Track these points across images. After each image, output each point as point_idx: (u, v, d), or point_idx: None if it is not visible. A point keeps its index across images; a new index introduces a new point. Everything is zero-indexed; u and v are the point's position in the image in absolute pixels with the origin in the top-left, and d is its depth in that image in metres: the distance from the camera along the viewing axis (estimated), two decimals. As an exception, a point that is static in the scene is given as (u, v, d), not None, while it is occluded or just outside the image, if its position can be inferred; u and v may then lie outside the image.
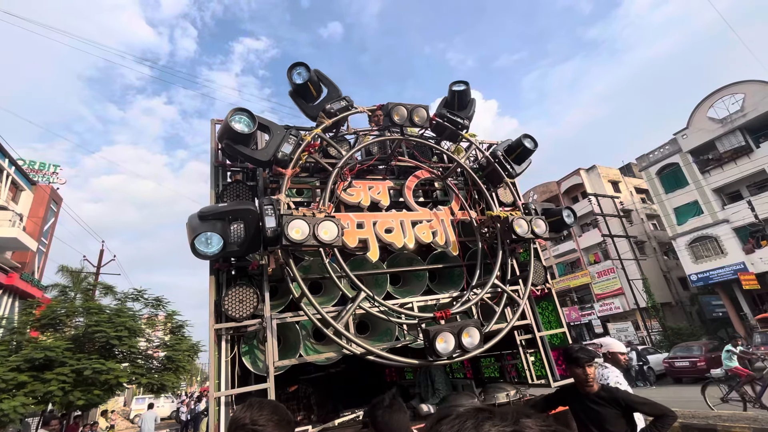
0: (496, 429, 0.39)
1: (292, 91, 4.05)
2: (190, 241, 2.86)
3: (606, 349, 3.71)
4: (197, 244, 2.88)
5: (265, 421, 1.36)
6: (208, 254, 2.93)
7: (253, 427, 1.35)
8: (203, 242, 2.91)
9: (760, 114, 20.98)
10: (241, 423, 1.36)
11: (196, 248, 2.88)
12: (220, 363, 3.13)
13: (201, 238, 2.91)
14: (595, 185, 29.29)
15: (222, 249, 2.94)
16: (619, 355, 3.64)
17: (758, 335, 13.85)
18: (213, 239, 2.94)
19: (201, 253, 2.91)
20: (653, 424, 2.93)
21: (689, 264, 23.73)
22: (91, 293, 14.82)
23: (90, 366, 9.87)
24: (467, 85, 4.40)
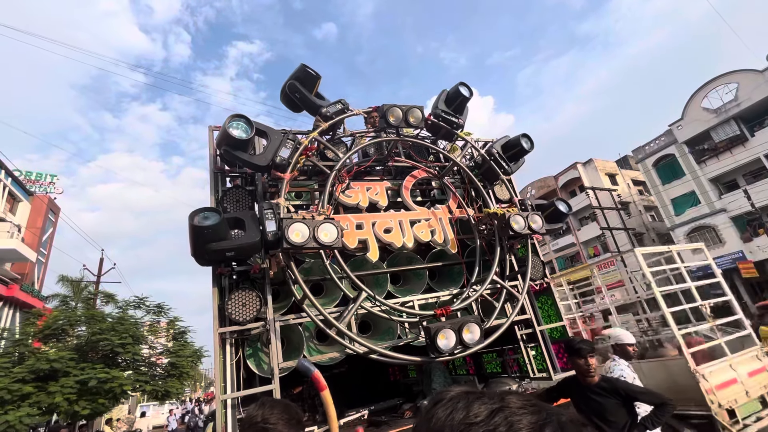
0: (485, 406, 0.43)
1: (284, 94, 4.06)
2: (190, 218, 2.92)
3: (615, 340, 3.66)
4: (196, 220, 2.95)
5: (276, 419, 1.42)
6: (206, 224, 2.98)
7: (264, 425, 1.41)
8: (201, 217, 3.00)
9: (753, 103, 21.10)
10: (254, 421, 1.43)
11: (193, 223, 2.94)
12: (226, 366, 3.17)
13: (200, 214, 3.01)
14: (592, 179, 29.40)
15: (219, 222, 3.00)
16: (627, 347, 3.58)
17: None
18: (210, 216, 3.02)
19: (198, 227, 2.96)
20: (653, 413, 2.99)
21: (688, 254, 23.83)
22: (92, 302, 14.83)
23: (94, 376, 9.89)
24: (471, 94, 4.46)
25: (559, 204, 4.32)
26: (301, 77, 4.02)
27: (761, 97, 20.80)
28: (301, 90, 4.01)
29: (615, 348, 3.63)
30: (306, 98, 4.04)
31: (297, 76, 4.01)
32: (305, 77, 4.03)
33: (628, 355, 3.56)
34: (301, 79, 4.03)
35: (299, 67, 3.99)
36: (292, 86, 4.03)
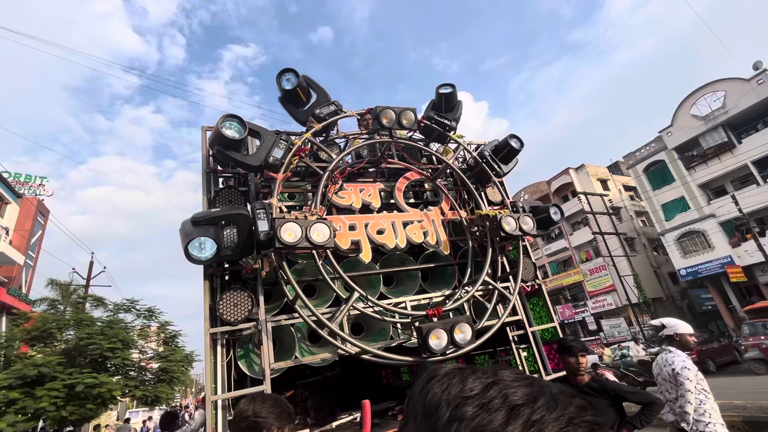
0: (479, 381, 0.44)
1: (282, 96, 4.11)
2: (184, 247, 2.89)
3: (672, 330, 3.36)
4: (191, 250, 2.90)
5: (267, 413, 1.45)
6: (202, 259, 2.95)
7: (255, 419, 1.44)
8: (197, 247, 2.93)
9: (741, 110, 21.53)
10: (245, 415, 1.46)
11: (190, 254, 2.90)
12: (216, 367, 3.15)
13: (194, 243, 2.93)
14: (584, 184, 29.72)
15: (216, 253, 2.96)
16: (688, 336, 3.31)
17: (747, 326, 14.13)
18: (207, 244, 2.96)
19: (195, 258, 2.93)
20: (641, 412, 3.03)
21: (678, 259, 24.14)
22: (82, 306, 14.61)
23: (82, 381, 9.72)
24: (454, 88, 4.50)
25: (552, 212, 4.36)
26: (286, 96, 4.11)
27: (748, 104, 21.24)
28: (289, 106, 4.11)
29: (673, 339, 3.31)
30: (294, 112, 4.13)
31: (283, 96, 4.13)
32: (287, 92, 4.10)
33: (690, 346, 3.28)
34: (286, 97, 4.12)
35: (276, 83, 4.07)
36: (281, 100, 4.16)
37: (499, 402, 0.41)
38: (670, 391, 3.16)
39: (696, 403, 2.99)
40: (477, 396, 0.42)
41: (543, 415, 0.39)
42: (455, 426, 0.40)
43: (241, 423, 1.46)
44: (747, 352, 13.44)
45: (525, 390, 0.42)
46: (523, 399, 0.41)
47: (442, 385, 0.46)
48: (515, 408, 0.40)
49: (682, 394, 3.02)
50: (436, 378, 0.48)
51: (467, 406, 0.41)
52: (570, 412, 0.40)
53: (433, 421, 0.43)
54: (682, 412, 3.00)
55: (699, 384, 3.07)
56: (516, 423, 0.39)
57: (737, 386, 9.74)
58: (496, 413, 0.40)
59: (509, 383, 0.43)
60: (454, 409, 0.42)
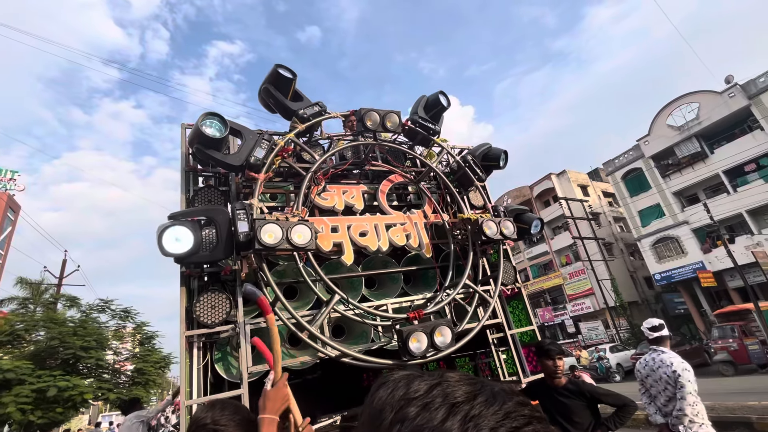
0: (425, 383, 0.45)
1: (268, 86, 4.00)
2: (158, 237, 2.75)
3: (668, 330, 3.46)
4: (164, 242, 2.73)
5: (227, 420, 1.37)
6: (178, 254, 2.79)
7: (214, 427, 1.36)
8: (171, 239, 2.75)
9: (713, 122, 22.43)
10: (202, 423, 1.37)
11: (163, 247, 2.73)
12: (192, 370, 3.08)
13: (169, 233, 2.74)
14: (565, 189, 30.38)
15: (193, 247, 2.80)
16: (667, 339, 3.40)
17: (716, 330, 14.68)
18: (183, 236, 2.78)
19: (169, 253, 2.75)
20: (616, 414, 3.10)
21: (653, 264, 24.94)
22: (53, 306, 14.07)
23: (54, 384, 9.35)
24: (449, 105, 4.55)
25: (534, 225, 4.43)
26: (274, 81, 3.97)
27: (720, 116, 22.15)
28: (275, 95, 3.96)
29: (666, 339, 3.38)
30: (280, 103, 3.99)
31: (270, 80, 3.96)
32: (279, 80, 3.97)
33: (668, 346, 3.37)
34: (274, 83, 3.97)
35: (272, 70, 3.93)
36: (265, 91, 3.98)
37: (440, 401, 0.42)
38: (664, 392, 3.16)
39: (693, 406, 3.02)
40: (420, 397, 0.43)
41: (481, 411, 0.40)
42: (398, 427, 0.41)
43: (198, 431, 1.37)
44: (716, 354, 13.97)
45: (466, 388, 0.43)
46: (463, 397, 0.42)
47: (388, 389, 0.46)
48: (455, 405, 0.41)
49: (682, 396, 3.02)
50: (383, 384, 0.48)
51: (410, 406, 0.42)
52: (508, 407, 0.41)
53: (377, 425, 0.44)
54: (681, 414, 3.00)
55: (695, 386, 3.11)
56: (455, 419, 0.40)
57: (706, 388, 10.10)
58: (437, 411, 0.41)
59: (452, 383, 0.44)
60: (398, 411, 0.43)
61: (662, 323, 3.45)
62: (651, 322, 3.57)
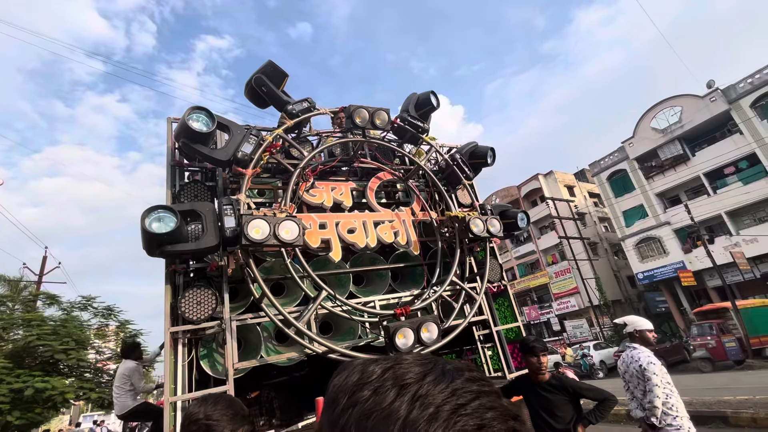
0: (380, 367, 0.45)
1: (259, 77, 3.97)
2: (141, 219, 2.68)
3: (632, 327, 3.45)
4: (148, 223, 2.68)
5: (220, 415, 1.37)
6: (161, 233, 2.73)
7: (207, 422, 1.35)
8: (155, 219, 2.72)
9: (695, 125, 22.99)
10: (195, 418, 1.36)
11: (146, 227, 2.68)
12: (177, 367, 3.05)
13: (153, 215, 2.72)
14: (552, 189, 30.80)
15: (176, 229, 2.75)
16: (648, 333, 3.40)
17: (695, 327, 15.09)
18: (166, 217, 2.75)
19: (153, 232, 2.70)
20: (596, 408, 3.17)
21: (636, 263, 25.48)
22: (33, 304, 13.70)
23: (32, 384, 9.11)
24: (439, 106, 4.58)
25: (520, 219, 4.50)
26: (268, 72, 3.94)
27: (702, 120, 22.71)
28: (269, 84, 3.93)
29: (633, 336, 3.41)
30: (273, 93, 3.96)
31: (264, 71, 3.94)
32: (273, 73, 3.95)
33: (650, 342, 3.38)
34: (268, 74, 3.95)
35: (267, 63, 3.91)
36: (258, 80, 3.94)
37: (390, 383, 0.42)
38: (638, 387, 3.24)
39: (663, 398, 3.08)
40: (373, 381, 0.43)
41: (429, 390, 0.41)
42: (350, 412, 0.41)
43: (191, 427, 1.35)
44: (695, 351, 14.36)
45: (417, 369, 0.44)
46: (413, 377, 0.42)
47: (343, 375, 0.47)
48: (404, 386, 0.41)
49: (650, 389, 3.10)
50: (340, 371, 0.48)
51: (363, 390, 0.43)
52: (456, 384, 0.42)
53: (332, 411, 0.44)
54: (652, 406, 3.08)
55: (664, 378, 3.16)
56: (402, 399, 0.40)
57: (685, 383, 10.38)
58: (387, 393, 0.41)
59: (405, 365, 0.45)
60: (351, 396, 0.43)
61: (625, 321, 3.53)
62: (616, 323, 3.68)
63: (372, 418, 0.39)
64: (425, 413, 0.38)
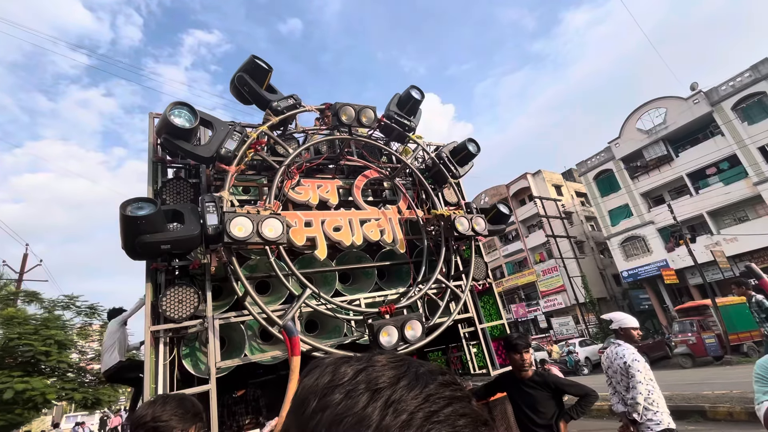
0: (351, 368, 0.44)
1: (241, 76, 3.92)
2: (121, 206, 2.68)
3: (618, 324, 3.45)
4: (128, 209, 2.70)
5: (169, 416, 1.32)
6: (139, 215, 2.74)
7: (154, 424, 1.30)
8: (134, 207, 2.75)
9: (679, 126, 23.47)
10: (142, 421, 1.31)
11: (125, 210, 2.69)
12: (158, 366, 3.01)
13: (133, 204, 2.75)
14: (540, 189, 31.15)
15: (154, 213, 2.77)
16: (632, 330, 3.42)
17: (677, 324, 15.45)
18: (145, 206, 2.77)
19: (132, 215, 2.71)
20: (578, 403, 3.23)
21: (621, 261, 25.96)
22: (13, 302, 13.35)
23: (12, 385, 8.89)
24: (423, 98, 4.58)
25: (501, 206, 4.57)
26: (250, 70, 3.89)
27: (685, 121, 23.20)
28: (250, 83, 3.88)
29: (618, 333, 3.43)
30: (255, 92, 3.92)
31: (246, 69, 3.88)
32: (255, 70, 3.90)
33: (634, 339, 3.39)
34: (250, 71, 3.90)
35: (249, 59, 3.85)
36: (240, 79, 3.90)
37: (363, 387, 0.41)
38: (621, 382, 3.31)
39: (645, 394, 3.15)
40: (345, 383, 0.42)
41: (402, 395, 0.40)
42: (320, 416, 0.40)
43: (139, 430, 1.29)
44: (676, 347, 14.71)
45: (391, 372, 0.43)
46: (387, 381, 0.42)
47: (314, 376, 0.45)
48: (377, 391, 0.40)
49: (633, 386, 3.16)
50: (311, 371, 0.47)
51: (335, 393, 0.41)
52: (429, 389, 0.41)
53: (300, 413, 0.42)
54: (634, 403, 3.15)
55: (647, 375, 3.22)
56: (375, 405, 0.39)
57: (666, 379, 10.63)
58: (359, 397, 0.40)
59: (378, 368, 0.44)
60: (321, 399, 0.42)
61: (611, 318, 3.56)
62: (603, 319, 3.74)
63: (343, 424, 0.38)
64: (398, 420, 0.38)
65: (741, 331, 14.01)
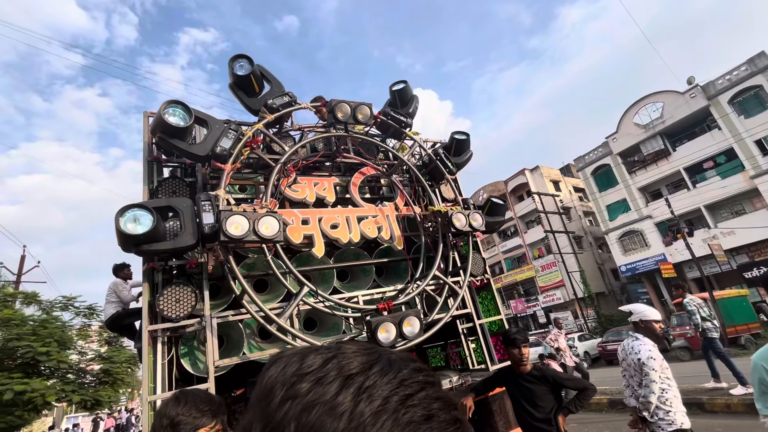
0: (320, 357, 0.43)
1: (233, 83, 3.94)
2: (116, 219, 2.61)
3: (638, 316, 3.27)
4: (122, 223, 2.59)
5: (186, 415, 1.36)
6: (136, 234, 2.64)
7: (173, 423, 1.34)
8: (130, 220, 2.62)
9: (675, 121, 23.52)
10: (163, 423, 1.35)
11: (121, 228, 2.59)
12: (156, 365, 3.00)
13: (128, 215, 2.63)
14: (538, 184, 31.20)
15: (153, 229, 2.67)
16: (654, 324, 3.22)
17: (675, 318, 15.52)
18: (142, 217, 2.65)
19: (128, 234, 2.61)
20: (576, 397, 3.25)
21: (619, 256, 26.05)
22: (11, 303, 13.33)
23: (11, 387, 8.87)
24: (406, 83, 4.56)
25: (494, 199, 4.59)
26: (236, 80, 3.89)
27: (682, 116, 23.25)
28: (238, 94, 3.91)
29: (638, 325, 3.23)
30: (244, 103, 3.95)
31: (232, 79, 3.91)
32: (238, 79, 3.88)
33: (656, 333, 3.20)
34: (237, 82, 3.90)
35: (228, 68, 3.84)
36: (231, 89, 3.94)
37: (334, 374, 0.40)
38: (634, 377, 3.21)
39: (659, 393, 3.03)
40: (314, 371, 0.41)
41: (375, 381, 0.39)
42: (288, 405, 0.39)
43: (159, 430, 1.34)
44: (674, 341, 14.78)
45: (362, 359, 0.42)
46: (358, 368, 0.41)
47: (280, 366, 0.43)
48: (349, 377, 0.40)
49: (646, 384, 3.05)
50: (275, 361, 0.45)
51: (302, 382, 0.40)
52: (403, 374, 0.41)
53: (265, 405, 0.41)
54: (646, 401, 3.04)
55: (663, 373, 3.09)
56: (348, 391, 0.38)
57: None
58: (330, 385, 0.39)
59: (349, 355, 0.43)
60: (289, 388, 0.40)
61: (631, 310, 3.40)
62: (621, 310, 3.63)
63: (314, 412, 0.37)
64: (372, 405, 0.37)
65: (739, 324, 14.09)
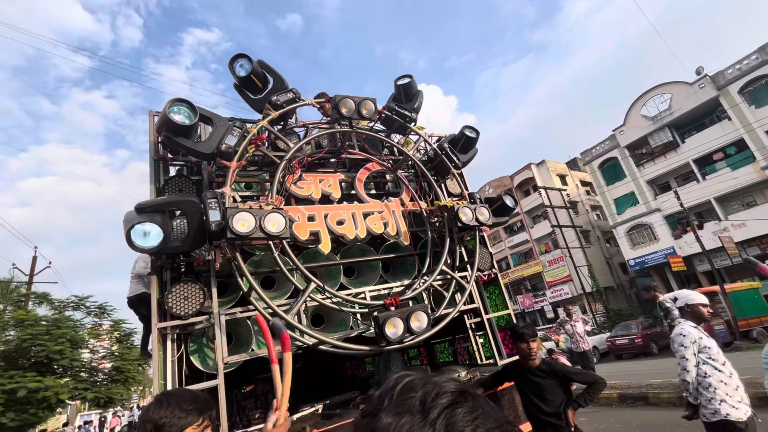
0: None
1: (237, 83, 3.95)
2: (126, 234, 2.69)
3: (683, 301, 3.14)
4: (133, 237, 2.68)
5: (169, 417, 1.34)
6: (146, 248, 2.74)
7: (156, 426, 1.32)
8: (140, 234, 2.70)
9: (684, 112, 23.16)
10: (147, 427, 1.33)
11: (132, 242, 2.68)
12: (166, 363, 3.04)
13: (138, 229, 2.70)
14: (544, 179, 30.96)
15: (162, 242, 2.75)
16: (701, 307, 3.07)
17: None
18: (152, 231, 2.73)
19: (138, 247, 2.71)
20: (586, 391, 3.22)
21: (628, 250, 25.79)
22: (24, 304, 13.56)
23: (25, 384, 9.05)
24: (411, 78, 4.54)
25: (506, 198, 4.53)
26: (240, 81, 3.91)
27: (691, 107, 22.88)
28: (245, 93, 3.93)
29: (684, 310, 3.11)
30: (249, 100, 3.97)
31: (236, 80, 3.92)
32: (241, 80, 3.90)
33: (702, 317, 3.06)
34: (241, 82, 3.92)
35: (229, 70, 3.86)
36: (236, 89, 3.95)
37: None
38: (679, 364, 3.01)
39: (694, 372, 2.86)
40: None
41: None
42: None
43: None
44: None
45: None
46: None
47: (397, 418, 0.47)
48: None
49: (678, 362, 2.92)
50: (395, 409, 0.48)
51: None
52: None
53: None
54: (682, 380, 2.90)
55: (703, 353, 2.89)
56: None
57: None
58: None
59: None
60: None
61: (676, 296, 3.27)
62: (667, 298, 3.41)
63: None
64: None
65: (750, 317, 13.91)
